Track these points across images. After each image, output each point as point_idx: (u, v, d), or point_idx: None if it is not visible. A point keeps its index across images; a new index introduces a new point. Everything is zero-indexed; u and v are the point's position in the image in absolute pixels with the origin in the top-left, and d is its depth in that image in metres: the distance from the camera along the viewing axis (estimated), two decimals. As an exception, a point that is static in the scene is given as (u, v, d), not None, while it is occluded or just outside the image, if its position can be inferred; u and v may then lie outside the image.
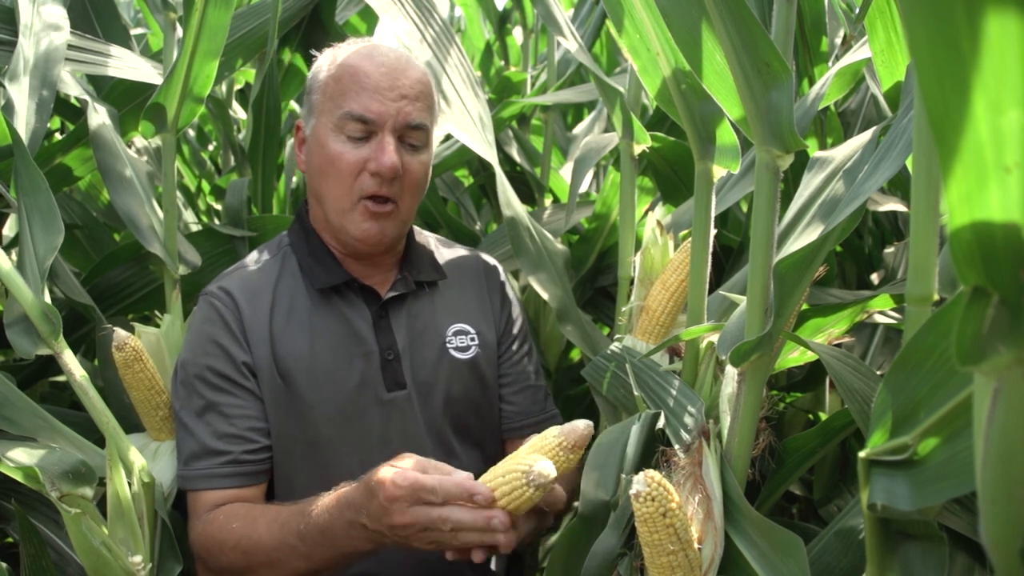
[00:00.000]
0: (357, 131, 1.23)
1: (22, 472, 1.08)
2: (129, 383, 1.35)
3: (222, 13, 1.40)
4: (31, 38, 1.42)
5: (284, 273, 1.34)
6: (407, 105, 1.24)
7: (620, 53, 2.60)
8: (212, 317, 1.29)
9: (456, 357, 1.36)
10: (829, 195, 1.02)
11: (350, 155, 1.23)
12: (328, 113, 1.25)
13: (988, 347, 0.45)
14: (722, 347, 0.99)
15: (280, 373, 1.26)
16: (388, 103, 1.22)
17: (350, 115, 1.22)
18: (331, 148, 1.24)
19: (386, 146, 1.22)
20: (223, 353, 1.26)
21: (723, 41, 0.83)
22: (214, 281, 1.35)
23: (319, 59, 1.33)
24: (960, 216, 0.42)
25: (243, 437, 1.24)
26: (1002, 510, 0.50)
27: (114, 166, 1.55)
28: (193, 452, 1.24)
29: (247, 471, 1.24)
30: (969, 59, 0.38)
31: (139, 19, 3.20)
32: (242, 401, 1.25)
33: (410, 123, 1.24)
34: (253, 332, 1.27)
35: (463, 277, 1.44)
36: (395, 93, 1.23)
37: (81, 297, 1.56)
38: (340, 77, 1.25)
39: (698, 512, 0.97)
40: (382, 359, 1.30)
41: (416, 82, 1.26)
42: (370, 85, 1.23)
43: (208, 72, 1.46)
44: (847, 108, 1.79)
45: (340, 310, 1.31)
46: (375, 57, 1.25)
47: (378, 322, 1.32)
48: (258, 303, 1.29)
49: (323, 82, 1.28)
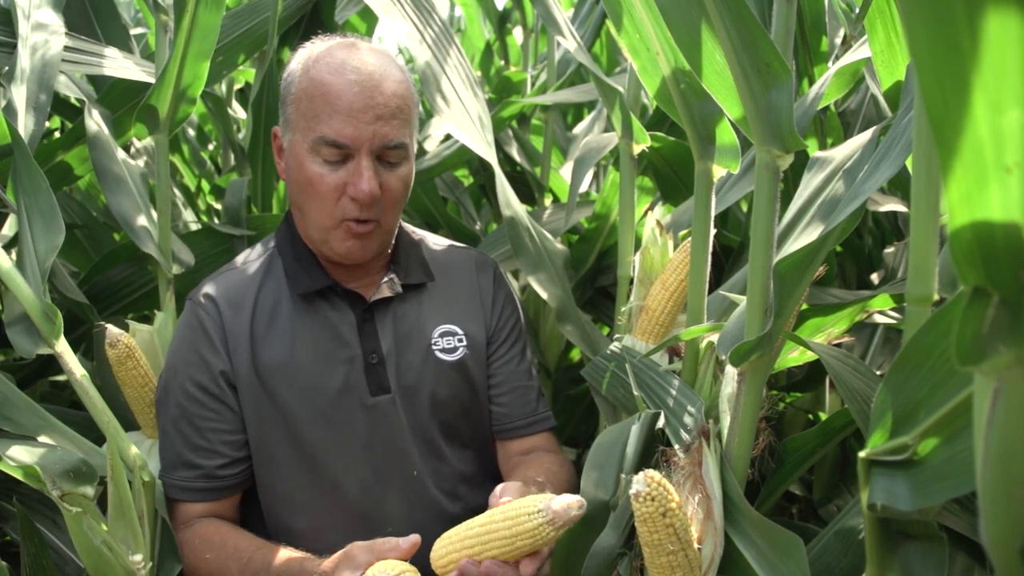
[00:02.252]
0: (332, 155, 1.19)
1: (23, 471, 1.08)
2: (123, 380, 1.36)
3: (213, 14, 1.39)
4: (27, 47, 1.43)
5: (269, 276, 1.32)
6: (383, 126, 1.18)
7: (620, 53, 2.60)
8: (194, 324, 1.28)
9: (442, 359, 1.33)
10: (829, 195, 1.02)
11: (328, 179, 1.19)
12: (302, 132, 1.21)
13: (988, 347, 0.45)
14: (722, 347, 0.99)
15: (260, 379, 1.25)
16: (362, 126, 1.17)
17: (324, 140, 1.18)
18: (309, 170, 1.20)
19: (363, 171, 1.18)
20: (202, 363, 1.25)
21: (723, 41, 0.83)
22: (202, 283, 1.33)
23: (292, 60, 1.27)
24: (960, 216, 0.42)
25: (216, 452, 1.25)
26: (1002, 510, 0.50)
27: (109, 167, 1.56)
28: (170, 460, 1.27)
29: (220, 486, 1.27)
30: (969, 59, 0.38)
31: (139, 19, 3.20)
32: (216, 415, 1.25)
33: (387, 144, 1.19)
34: (234, 339, 1.26)
35: (454, 276, 1.41)
36: (369, 115, 1.17)
37: (76, 296, 1.56)
38: (312, 95, 1.19)
39: (698, 512, 0.98)
40: (366, 363, 1.28)
41: (391, 97, 1.19)
42: (343, 107, 1.17)
43: (200, 73, 1.46)
44: (847, 108, 1.79)
45: (324, 314, 1.29)
46: (346, 73, 1.18)
47: (362, 326, 1.30)
48: (240, 309, 1.28)
49: (295, 96, 1.22)
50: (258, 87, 1.87)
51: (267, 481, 1.29)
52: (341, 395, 1.27)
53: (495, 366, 1.41)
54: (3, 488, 1.34)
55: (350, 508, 1.28)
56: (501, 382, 1.40)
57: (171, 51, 1.42)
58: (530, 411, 1.41)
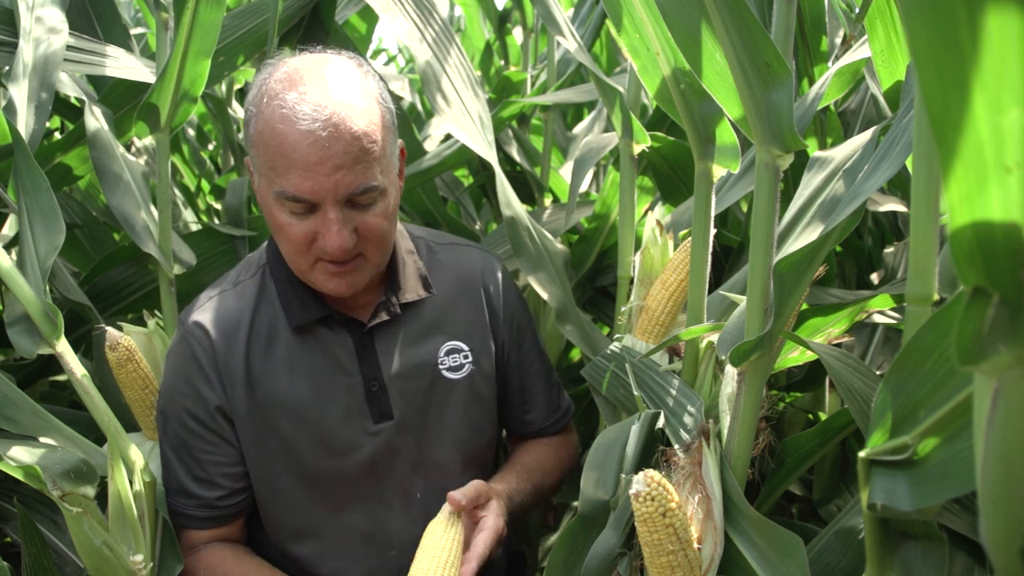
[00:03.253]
0: (297, 208, 1.09)
1: (23, 471, 1.08)
2: (123, 382, 1.35)
3: (214, 12, 1.39)
4: (30, 42, 1.42)
5: (263, 299, 1.26)
6: (345, 175, 1.07)
7: (620, 53, 2.60)
8: (187, 356, 1.23)
9: (448, 378, 1.29)
10: (829, 195, 1.02)
11: (297, 228, 1.11)
12: (265, 179, 1.11)
13: (988, 347, 0.45)
14: (722, 347, 0.99)
15: (259, 414, 1.22)
16: (321, 179, 1.06)
17: (284, 195, 1.08)
18: (277, 218, 1.12)
19: (331, 225, 1.08)
20: (198, 397, 1.22)
21: (723, 41, 0.83)
22: (194, 305, 1.28)
23: (251, 91, 1.15)
24: (960, 216, 0.42)
25: (215, 483, 1.24)
26: (1002, 510, 0.50)
27: (110, 167, 1.56)
28: (171, 487, 1.26)
29: (221, 515, 1.26)
30: (969, 58, 0.38)
31: (139, 19, 3.20)
32: (214, 447, 1.23)
33: (353, 192, 1.08)
34: (229, 373, 1.22)
35: (457, 284, 1.34)
36: (328, 166, 1.05)
37: (77, 296, 1.56)
38: (268, 144, 1.08)
39: (698, 512, 0.98)
40: (366, 390, 1.24)
41: (351, 142, 1.06)
42: (298, 161, 1.05)
43: (201, 71, 1.45)
44: (847, 108, 1.79)
45: (322, 340, 1.24)
46: (298, 122, 1.05)
47: (361, 351, 1.24)
48: (234, 340, 1.22)
49: (253, 138, 1.12)
50: (258, 87, 1.87)
51: (270, 510, 1.28)
52: (343, 424, 1.24)
53: (513, 375, 1.38)
54: (4, 488, 1.34)
55: (355, 533, 1.27)
56: (524, 389, 1.38)
57: (171, 49, 1.42)
58: (553, 409, 1.42)
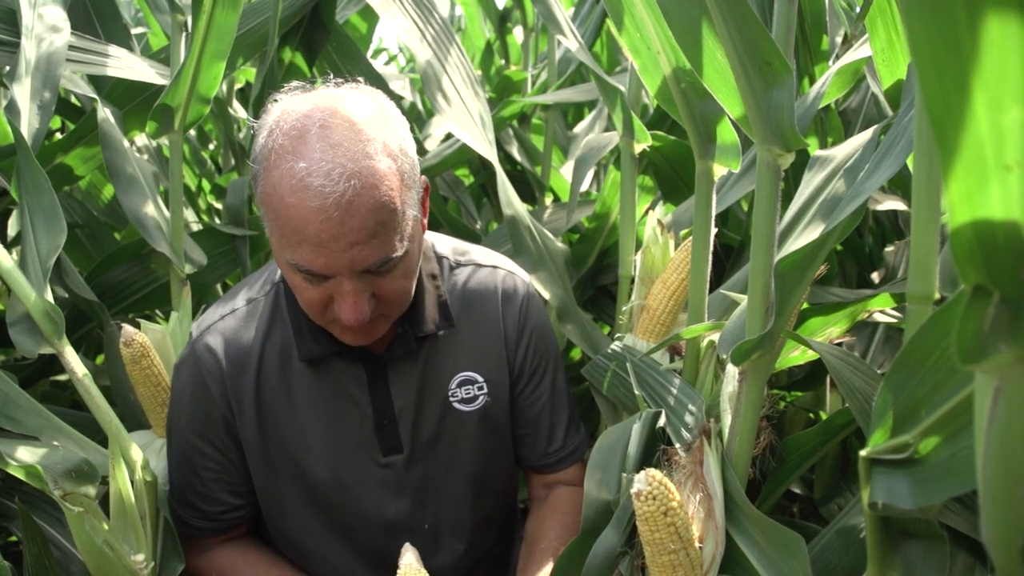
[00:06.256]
0: (311, 278, 1.01)
1: (25, 471, 1.08)
2: (136, 379, 1.36)
3: (230, 15, 1.40)
4: (32, 40, 1.42)
5: (276, 321, 1.20)
6: (361, 251, 0.98)
7: (621, 52, 2.60)
8: (197, 379, 1.19)
9: (461, 410, 1.25)
10: (830, 194, 1.02)
11: (312, 293, 1.03)
12: (277, 242, 1.03)
13: (989, 345, 0.45)
14: (723, 346, 0.99)
15: (269, 443, 1.21)
16: (335, 255, 0.98)
17: (297, 267, 1.00)
18: (292, 279, 1.05)
19: (346, 297, 1.01)
20: (208, 420, 1.20)
21: (724, 40, 0.83)
22: (204, 326, 1.22)
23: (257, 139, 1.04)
24: (961, 214, 0.42)
25: (217, 499, 1.24)
26: (1003, 509, 0.50)
27: (121, 165, 1.56)
28: (175, 495, 1.26)
29: (224, 526, 1.27)
30: (969, 57, 0.38)
31: (139, 19, 3.20)
32: (220, 467, 1.23)
33: (369, 267, 1.00)
34: (239, 402, 1.19)
35: (476, 312, 1.27)
36: (343, 243, 0.97)
37: (87, 294, 1.57)
38: (277, 213, 0.98)
39: (699, 511, 0.98)
40: (377, 423, 1.21)
41: (367, 218, 0.97)
42: (310, 236, 0.96)
43: (215, 73, 1.47)
44: (848, 107, 1.79)
45: (334, 371, 1.20)
46: (310, 198, 0.95)
47: (373, 383, 1.20)
48: (245, 368, 1.19)
49: (262, 198, 1.02)
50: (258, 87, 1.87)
51: (278, 528, 1.29)
52: (353, 455, 1.22)
53: (522, 407, 1.32)
54: (6, 487, 1.34)
55: (362, 557, 1.28)
56: (526, 422, 1.33)
57: (187, 51, 1.42)
58: (556, 448, 1.34)
